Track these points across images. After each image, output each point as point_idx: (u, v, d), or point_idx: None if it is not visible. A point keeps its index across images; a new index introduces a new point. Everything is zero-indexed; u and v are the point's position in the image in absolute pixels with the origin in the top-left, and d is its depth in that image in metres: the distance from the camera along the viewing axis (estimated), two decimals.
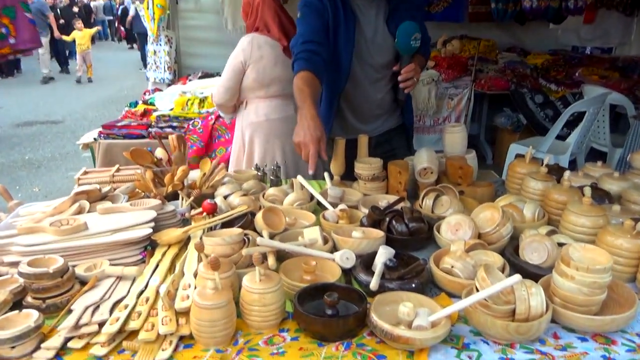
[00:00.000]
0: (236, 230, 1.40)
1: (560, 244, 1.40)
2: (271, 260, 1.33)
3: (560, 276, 1.19)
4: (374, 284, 1.25)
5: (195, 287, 1.23)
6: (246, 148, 2.75)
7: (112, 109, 8.20)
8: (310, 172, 1.66)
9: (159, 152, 1.94)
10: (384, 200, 1.86)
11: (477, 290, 1.15)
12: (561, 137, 4.06)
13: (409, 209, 1.65)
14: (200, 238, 1.41)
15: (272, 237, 1.51)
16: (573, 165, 4.01)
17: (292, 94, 2.68)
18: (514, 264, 1.41)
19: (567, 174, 1.71)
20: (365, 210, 1.71)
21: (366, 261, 1.41)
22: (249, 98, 2.70)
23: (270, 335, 1.15)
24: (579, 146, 3.94)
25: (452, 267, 1.31)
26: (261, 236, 1.47)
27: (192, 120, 3.30)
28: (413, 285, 1.29)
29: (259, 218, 1.54)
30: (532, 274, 1.36)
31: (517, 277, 1.07)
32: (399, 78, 2.10)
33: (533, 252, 1.39)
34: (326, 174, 2.09)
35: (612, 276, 1.17)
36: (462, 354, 1.09)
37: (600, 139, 4.13)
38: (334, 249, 1.51)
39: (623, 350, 1.11)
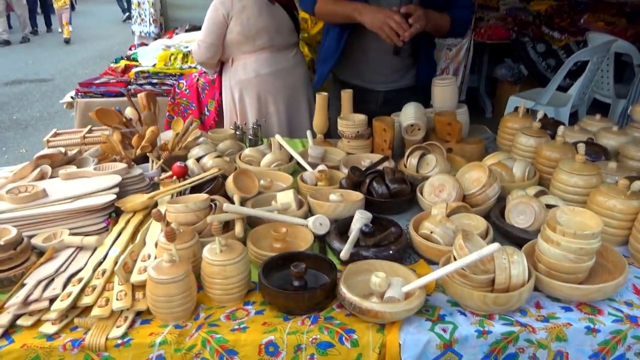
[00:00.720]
0: (201, 196, 1.32)
1: (550, 206, 1.31)
2: (238, 228, 1.25)
3: (546, 242, 1.10)
4: (344, 253, 1.18)
5: (155, 259, 1.15)
6: (237, 108, 2.58)
7: (104, 65, 7.97)
8: (401, 44, 1.79)
9: (129, 112, 1.83)
10: (367, 160, 1.76)
11: (455, 259, 1.07)
12: (563, 89, 3.90)
13: (391, 169, 1.56)
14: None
15: (243, 202, 1.43)
16: (574, 118, 3.87)
17: (281, 45, 2.53)
18: (499, 227, 1.33)
19: (561, 129, 1.60)
20: (347, 171, 1.61)
21: (341, 227, 1.33)
22: (235, 54, 2.51)
23: (233, 309, 1.08)
24: (581, 97, 3.79)
25: (431, 232, 1.23)
26: (232, 202, 1.39)
27: (177, 82, 3.14)
28: (390, 252, 1.21)
29: (229, 182, 1.45)
30: (518, 238, 1.28)
31: (495, 245, 0.98)
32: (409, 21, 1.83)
33: (519, 214, 1.30)
34: (308, 132, 1.98)
35: (601, 241, 1.08)
36: (437, 326, 1.02)
37: (604, 89, 3.97)
38: (310, 213, 1.43)
39: (609, 321, 1.04)
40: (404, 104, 2.08)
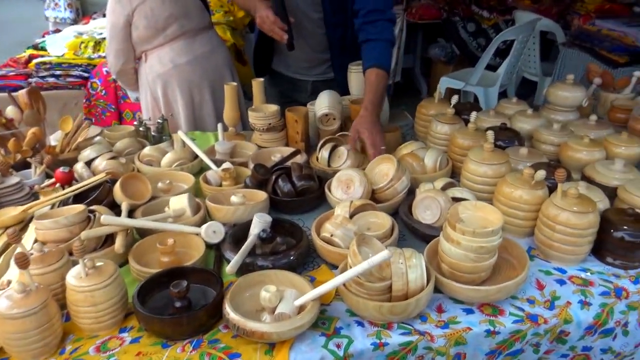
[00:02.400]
0: (75, 208, 1.18)
1: (457, 199, 1.26)
2: (118, 243, 1.12)
3: (447, 241, 1.05)
4: (230, 267, 1.07)
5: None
6: (162, 103, 2.37)
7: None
8: (284, 41, 1.75)
9: (10, 111, 1.64)
10: (277, 155, 1.66)
11: (350, 267, 0.99)
12: (493, 68, 3.92)
13: (298, 164, 1.46)
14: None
15: (133, 210, 1.30)
16: (504, 97, 3.91)
17: (194, 29, 2.35)
18: (407, 224, 1.27)
19: (473, 114, 1.55)
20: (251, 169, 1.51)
21: (240, 233, 1.22)
22: (147, 50, 2.30)
23: (106, 339, 0.96)
24: (509, 77, 3.83)
25: (332, 235, 1.15)
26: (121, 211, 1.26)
27: (89, 81, 2.89)
28: (290, 259, 1.12)
29: (116, 188, 1.31)
30: (425, 235, 1.22)
31: (384, 253, 0.91)
32: None
33: (426, 209, 1.25)
34: (219, 126, 1.85)
35: (502, 238, 1.03)
36: (331, 342, 0.95)
37: (531, 68, 4.03)
38: (210, 219, 1.32)
39: (509, 322, 1.00)
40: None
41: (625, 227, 1.12)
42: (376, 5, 1.75)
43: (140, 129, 1.86)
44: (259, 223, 1.20)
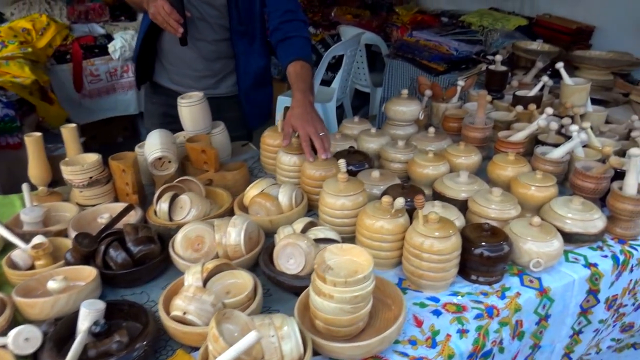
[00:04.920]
0: None
1: (320, 241, 1.18)
2: None
3: (318, 295, 0.96)
4: None
5: None
6: None
7: None
8: (178, 34, 1.66)
9: None
10: (105, 214, 1.42)
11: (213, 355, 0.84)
12: (327, 82, 4.05)
13: (132, 226, 1.26)
14: None
15: None
16: (341, 111, 4.06)
17: None
18: (271, 277, 1.15)
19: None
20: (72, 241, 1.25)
21: (62, 333, 0.99)
22: None
23: None
24: (344, 90, 3.99)
25: (185, 313, 0.98)
26: None
27: None
28: (134, 354, 0.92)
29: None
30: (293, 287, 1.12)
31: (253, 335, 0.78)
32: None
33: (288, 258, 1.14)
34: (24, 187, 1.53)
35: (374, 280, 0.98)
36: None
37: (362, 80, 4.26)
38: (19, 319, 1.05)
39: None
40: (228, 115, 1.95)
41: (483, 243, 1.15)
42: (289, 6, 1.83)
43: None
44: (89, 314, 0.98)
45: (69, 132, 1.58)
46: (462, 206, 1.38)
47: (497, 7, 3.76)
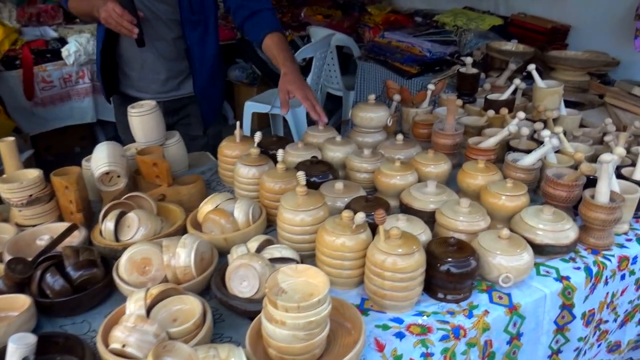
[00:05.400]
0: None
1: (277, 261, 1.15)
2: None
3: (270, 322, 0.93)
4: None
5: None
6: None
7: None
8: (134, 36, 1.68)
9: None
10: (46, 235, 1.37)
11: None
12: None
13: (72, 248, 1.21)
14: None
15: None
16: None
17: None
18: (223, 301, 1.12)
19: (280, 152, 1.47)
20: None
21: None
22: None
23: None
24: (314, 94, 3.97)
25: (124, 346, 0.94)
26: None
27: None
28: None
29: None
30: (247, 312, 1.09)
31: None
32: None
33: (241, 280, 1.11)
34: None
35: (330, 303, 0.95)
36: None
37: (334, 83, 4.25)
38: None
39: None
40: (192, 114, 2.08)
41: (449, 259, 1.13)
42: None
43: None
44: (17, 350, 0.92)
45: (6, 147, 1.52)
46: (431, 218, 1.37)
47: (471, 6, 3.80)
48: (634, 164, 1.53)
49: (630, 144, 1.74)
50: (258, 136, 1.58)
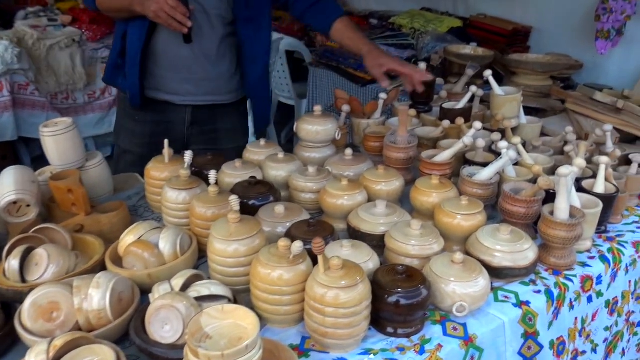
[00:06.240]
0: None
1: (205, 299, 1.10)
2: None
3: None
4: None
5: None
6: None
7: None
8: (185, 30, 1.70)
9: None
10: None
11: None
12: None
13: None
14: None
15: None
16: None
17: None
18: (142, 348, 1.06)
19: (212, 174, 1.41)
20: None
21: None
22: None
23: None
24: None
25: None
26: None
27: None
28: None
29: None
30: None
31: None
32: None
33: (163, 324, 1.06)
34: None
35: (262, 347, 0.91)
36: None
37: (285, 91, 4.22)
38: None
39: None
40: (224, 126, 2.08)
41: (398, 290, 1.11)
42: None
43: None
44: None
45: None
46: (381, 242, 1.35)
47: (429, 7, 3.85)
48: (595, 176, 1.55)
49: (593, 152, 1.77)
50: (188, 155, 1.53)
